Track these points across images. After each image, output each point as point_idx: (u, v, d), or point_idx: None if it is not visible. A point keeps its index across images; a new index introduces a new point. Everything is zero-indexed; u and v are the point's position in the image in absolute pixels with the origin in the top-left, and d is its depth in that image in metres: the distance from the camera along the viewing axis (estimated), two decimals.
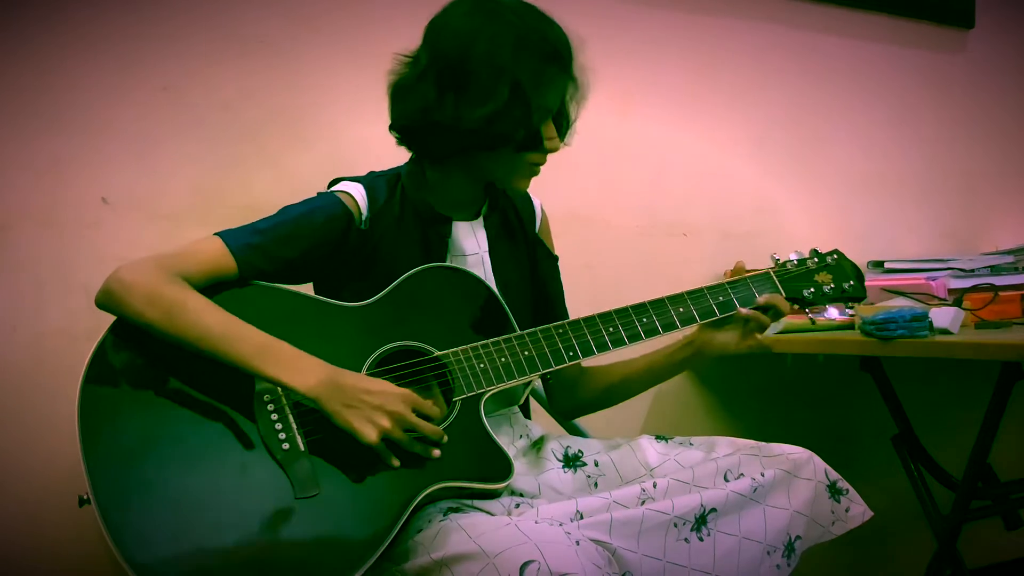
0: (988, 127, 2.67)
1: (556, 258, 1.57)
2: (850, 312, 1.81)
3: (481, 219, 1.46)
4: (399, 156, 1.43)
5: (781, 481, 1.26)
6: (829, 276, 1.46)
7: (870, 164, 2.47)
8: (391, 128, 1.37)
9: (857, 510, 1.32)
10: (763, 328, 1.42)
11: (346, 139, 1.82)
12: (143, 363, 1.22)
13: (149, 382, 1.21)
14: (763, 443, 1.33)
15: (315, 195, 1.38)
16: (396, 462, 1.21)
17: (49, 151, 1.60)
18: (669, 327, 1.38)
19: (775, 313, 1.42)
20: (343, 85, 1.82)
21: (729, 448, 1.33)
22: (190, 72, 1.70)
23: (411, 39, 1.35)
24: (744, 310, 1.40)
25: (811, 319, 1.47)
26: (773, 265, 1.47)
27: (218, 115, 1.72)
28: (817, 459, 1.31)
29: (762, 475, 1.25)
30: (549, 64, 1.29)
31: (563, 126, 1.40)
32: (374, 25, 1.85)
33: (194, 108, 1.70)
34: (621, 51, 2.11)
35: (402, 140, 1.37)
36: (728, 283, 1.42)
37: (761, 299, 1.41)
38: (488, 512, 1.24)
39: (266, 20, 1.76)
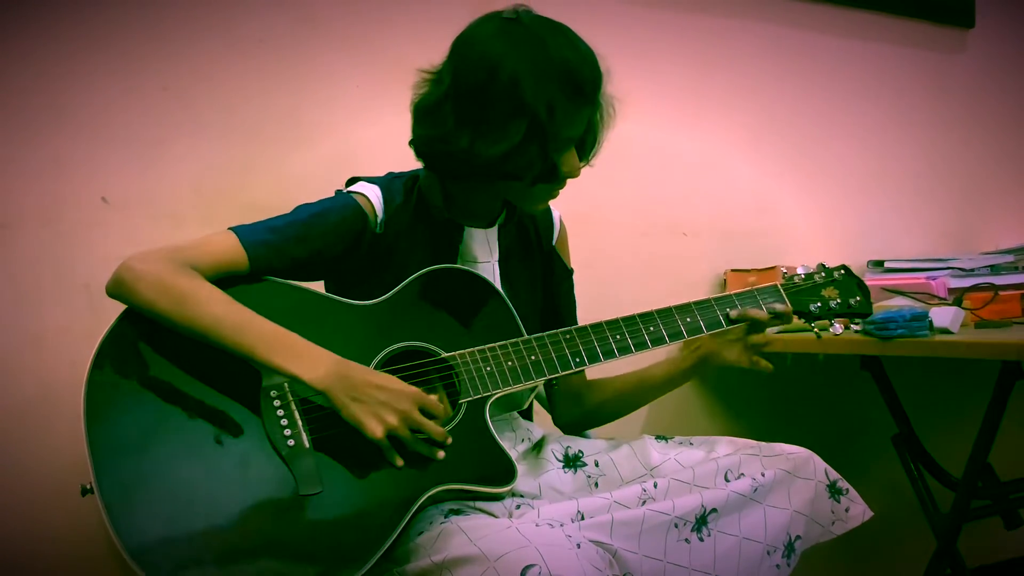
0: (988, 127, 2.67)
1: (571, 272, 1.56)
2: (855, 328, 1.82)
3: (496, 228, 1.44)
4: (400, 157, 1.42)
5: (781, 481, 1.26)
6: (836, 291, 1.48)
7: (870, 164, 2.46)
8: (410, 144, 1.35)
9: (857, 510, 1.33)
10: (759, 347, 1.43)
11: (347, 139, 1.82)
12: (151, 354, 1.21)
13: (156, 374, 1.20)
14: (763, 443, 1.33)
15: (332, 194, 1.38)
16: (400, 461, 1.21)
17: (49, 151, 1.59)
18: (675, 336, 1.38)
19: (754, 325, 1.41)
20: (344, 85, 1.82)
21: (729, 448, 1.34)
22: (190, 72, 1.70)
23: (412, 40, 1.35)
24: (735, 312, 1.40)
25: (817, 333, 1.48)
26: (781, 279, 1.49)
27: (218, 115, 1.72)
28: (817, 459, 1.32)
29: (762, 475, 1.25)
30: (573, 96, 1.26)
31: (587, 147, 1.38)
32: (376, 25, 1.85)
33: (194, 108, 1.70)
34: (621, 50, 2.10)
35: (419, 157, 1.36)
36: (736, 295, 1.44)
37: (734, 313, 1.41)
38: (489, 514, 1.24)
39: (267, 20, 1.76)
